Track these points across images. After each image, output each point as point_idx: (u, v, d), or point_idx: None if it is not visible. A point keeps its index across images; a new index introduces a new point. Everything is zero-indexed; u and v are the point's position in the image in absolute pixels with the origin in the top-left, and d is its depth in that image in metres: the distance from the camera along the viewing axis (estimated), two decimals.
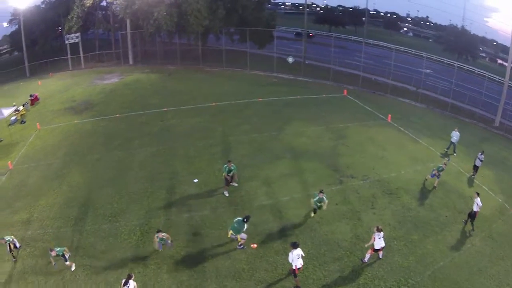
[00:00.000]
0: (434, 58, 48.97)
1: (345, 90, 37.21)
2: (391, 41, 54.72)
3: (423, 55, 42.22)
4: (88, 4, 48.25)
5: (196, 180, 21.56)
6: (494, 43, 60.19)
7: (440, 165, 20.93)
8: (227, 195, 20.19)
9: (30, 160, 25.02)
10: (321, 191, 18.00)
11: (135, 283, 13.78)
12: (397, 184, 21.36)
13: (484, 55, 61.99)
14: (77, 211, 19.43)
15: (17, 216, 19.29)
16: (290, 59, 43.68)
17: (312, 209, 18.40)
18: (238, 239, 16.33)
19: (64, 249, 15.48)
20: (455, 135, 25.18)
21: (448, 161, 22.89)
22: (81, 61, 49.89)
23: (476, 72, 40.23)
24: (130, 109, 32.64)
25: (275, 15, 55.67)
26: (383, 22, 77.23)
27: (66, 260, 15.43)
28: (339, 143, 25.97)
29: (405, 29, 77.40)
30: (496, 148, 28.25)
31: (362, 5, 62.75)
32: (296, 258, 14.25)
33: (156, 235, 16.06)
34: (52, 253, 15.20)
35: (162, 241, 16.24)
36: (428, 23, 73.15)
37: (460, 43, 57.63)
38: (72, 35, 47.67)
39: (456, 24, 62.42)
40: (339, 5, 76.22)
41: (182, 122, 29.47)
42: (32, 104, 35.24)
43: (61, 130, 29.33)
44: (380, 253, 16.06)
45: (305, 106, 32.62)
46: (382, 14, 77.69)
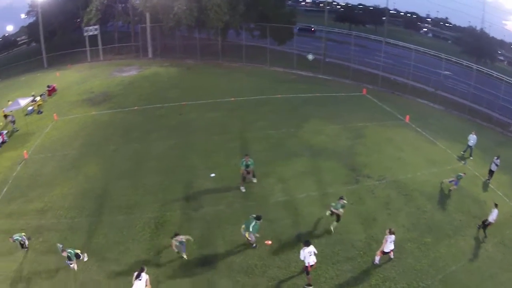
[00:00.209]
0: (453, 60, 47.76)
1: (364, 89, 36.41)
2: (410, 41, 53.30)
3: (442, 56, 41.05)
4: None
5: (213, 175, 21.23)
6: None
7: (460, 174, 20.44)
8: (243, 190, 19.82)
9: (46, 150, 25.01)
10: (341, 198, 17.38)
11: (148, 276, 13.50)
12: (412, 186, 20.81)
13: (502, 58, 60.35)
14: (92, 202, 19.31)
15: (32, 205, 19.27)
16: (310, 57, 43.05)
17: (335, 215, 17.26)
18: (247, 237, 15.93)
19: (76, 252, 15.19)
20: (472, 139, 24.43)
21: (464, 164, 22.47)
22: (99, 53, 49.83)
23: (495, 75, 38.96)
24: (148, 101, 32.43)
25: (296, 12, 55.09)
26: (403, 22, 76.02)
27: (79, 258, 15.20)
28: (356, 142, 25.39)
29: (425, 29, 75.98)
30: None
31: (383, 4, 61.41)
32: (308, 255, 14.03)
33: (175, 238, 15.38)
34: (63, 253, 14.85)
35: (181, 244, 15.46)
36: (447, 24, 71.68)
37: (479, 46, 56.28)
38: (91, 27, 47.56)
39: (475, 26, 60.98)
40: (360, 4, 74.94)
41: (200, 116, 29.11)
42: (49, 94, 35.40)
43: (78, 121, 29.28)
44: (391, 254, 15.77)
45: (324, 104, 31.93)
46: (402, 13, 76.53)
